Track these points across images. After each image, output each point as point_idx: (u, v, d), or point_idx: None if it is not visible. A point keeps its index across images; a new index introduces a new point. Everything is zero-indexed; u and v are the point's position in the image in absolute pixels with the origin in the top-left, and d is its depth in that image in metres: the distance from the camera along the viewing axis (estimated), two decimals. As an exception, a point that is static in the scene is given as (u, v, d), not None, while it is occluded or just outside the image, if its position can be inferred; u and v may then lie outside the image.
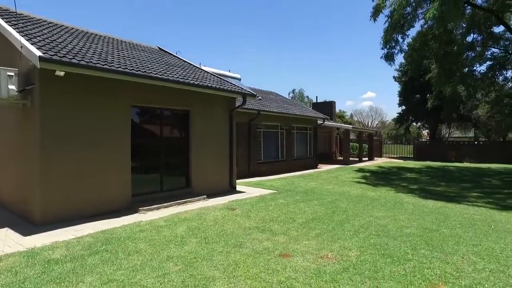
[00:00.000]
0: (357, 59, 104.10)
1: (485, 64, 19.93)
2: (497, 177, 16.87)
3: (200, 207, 7.94)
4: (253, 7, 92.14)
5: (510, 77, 19.12)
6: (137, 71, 7.38)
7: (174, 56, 12.09)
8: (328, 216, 7.18)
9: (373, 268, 4.32)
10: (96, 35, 10.38)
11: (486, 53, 19.80)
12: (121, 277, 3.99)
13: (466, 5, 16.94)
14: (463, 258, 4.75)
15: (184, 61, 11.69)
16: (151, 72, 7.77)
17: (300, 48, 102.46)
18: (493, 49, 19.98)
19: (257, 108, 15.31)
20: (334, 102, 29.84)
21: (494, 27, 19.26)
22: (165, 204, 7.85)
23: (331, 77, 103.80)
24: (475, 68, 20.08)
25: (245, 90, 10.60)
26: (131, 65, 7.67)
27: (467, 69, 19.42)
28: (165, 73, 8.38)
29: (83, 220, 6.54)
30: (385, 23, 17.99)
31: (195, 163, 9.40)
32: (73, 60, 6.22)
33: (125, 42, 11.12)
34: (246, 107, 13.67)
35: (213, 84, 9.53)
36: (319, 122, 21.21)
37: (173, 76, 8.35)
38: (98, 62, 6.78)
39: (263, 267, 4.33)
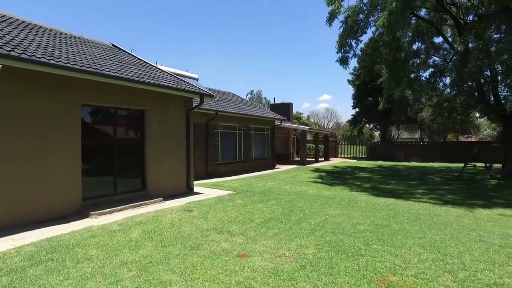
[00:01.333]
0: (314, 62, 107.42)
1: (428, 71, 21.50)
2: (439, 175, 18.22)
3: (156, 209, 7.69)
4: (209, 7, 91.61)
5: (448, 83, 20.60)
6: (88, 68, 6.97)
7: (129, 54, 11.63)
8: (285, 216, 7.29)
9: (329, 265, 4.45)
10: (41, 27, 9.66)
11: (429, 60, 21.37)
12: (69, 287, 3.74)
13: (411, 16, 18.14)
14: (410, 250, 5.05)
15: (139, 59, 11.29)
16: (103, 70, 7.38)
17: (258, 50, 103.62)
18: (435, 58, 21.61)
19: (215, 109, 15.19)
20: (291, 103, 30.46)
21: (435, 38, 20.86)
22: (119, 208, 7.51)
23: (289, 79, 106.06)
24: (420, 74, 21.58)
25: (203, 90, 10.46)
26: (81, 62, 7.23)
27: (413, 75, 20.78)
28: (119, 71, 8.01)
29: (24, 228, 6.00)
30: (340, 28, 18.77)
31: (151, 165, 9.10)
32: (12, 53, 5.71)
33: (74, 36, 10.47)
34: (203, 107, 13.52)
35: (170, 83, 9.29)
36: (277, 123, 21.53)
37: (127, 75, 8.01)
38: (43, 56, 6.30)
39: (221, 268, 4.28)
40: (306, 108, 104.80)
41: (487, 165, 17.84)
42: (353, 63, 31.94)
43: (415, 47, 20.61)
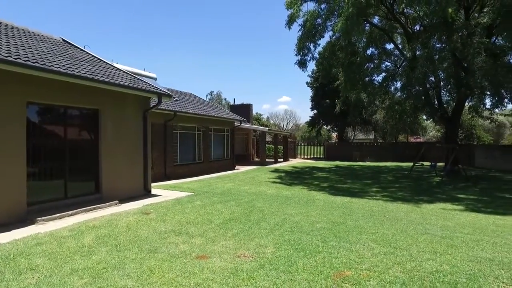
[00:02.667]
0: (275, 64, 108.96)
1: (381, 75, 22.64)
2: (391, 173, 19.27)
3: (111, 213, 7.37)
4: (169, 7, 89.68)
5: (399, 87, 21.81)
6: (33, 62, 6.50)
7: (82, 50, 11.03)
8: (245, 216, 7.32)
9: (287, 263, 4.53)
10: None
11: (382, 65, 22.50)
12: (11, 298, 3.46)
13: (365, 22, 19.02)
14: (364, 245, 5.29)
15: (93, 56, 10.74)
16: (52, 66, 6.93)
17: (219, 51, 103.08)
18: (387, 63, 22.81)
19: (173, 109, 14.88)
20: (251, 105, 30.68)
21: (387, 44, 22.04)
22: (70, 212, 7.09)
23: (249, 80, 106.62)
24: (374, 78, 22.66)
25: (161, 90, 10.21)
26: (26, 56, 6.73)
27: (367, 78, 21.77)
28: (70, 67, 7.57)
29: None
30: (298, 32, 19.23)
31: (106, 167, 8.71)
32: None
33: (17, 28, 9.63)
34: (162, 107, 13.21)
35: (125, 82, 8.95)
36: (236, 124, 21.56)
37: (79, 72, 7.59)
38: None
39: (179, 271, 4.20)
40: (266, 110, 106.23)
41: (432, 163, 19.19)
42: (312, 66, 32.82)
43: (369, 52, 21.62)
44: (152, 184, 10.87)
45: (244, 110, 29.10)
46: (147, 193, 10.04)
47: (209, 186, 12.41)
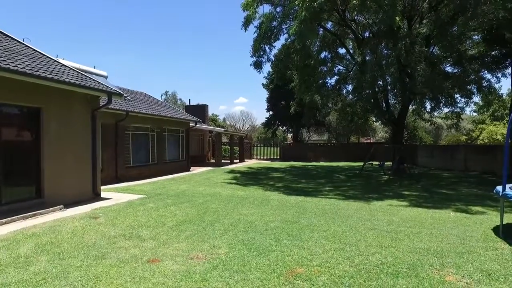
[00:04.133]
0: (232, 65, 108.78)
1: (334, 78, 23.57)
2: (343, 173, 20.08)
3: (54, 219, 6.89)
4: (121, 5, 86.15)
5: (350, 90, 22.89)
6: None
7: (20, 42, 10.17)
8: (199, 217, 7.22)
9: (241, 263, 4.53)
10: None
11: (335, 69, 23.44)
12: None
13: (319, 27, 19.68)
14: (316, 243, 5.45)
15: (34, 49, 9.94)
16: (-16, 59, 6.33)
17: (175, 51, 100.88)
18: (339, 66, 23.81)
19: (125, 109, 14.30)
20: (207, 105, 30.45)
21: (339, 49, 23.01)
22: (4, 220, 6.50)
23: (205, 81, 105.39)
24: (327, 80, 23.52)
25: (111, 88, 9.75)
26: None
27: (321, 81, 22.54)
28: (4, 61, 6.95)
29: None
30: (254, 33, 19.39)
31: (49, 169, 8.12)
32: None
33: None
34: (113, 107, 12.65)
35: (71, 79, 8.41)
36: (192, 125, 21.24)
37: (16, 66, 7.01)
38: None
39: (129, 276, 4.03)
40: (223, 111, 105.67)
41: (381, 163, 20.30)
42: (267, 67, 33.29)
43: (322, 55, 22.38)
44: (103, 187, 10.34)
45: (199, 110, 28.77)
46: (96, 197, 9.53)
47: (163, 188, 12.09)
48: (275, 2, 18.89)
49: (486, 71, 19.63)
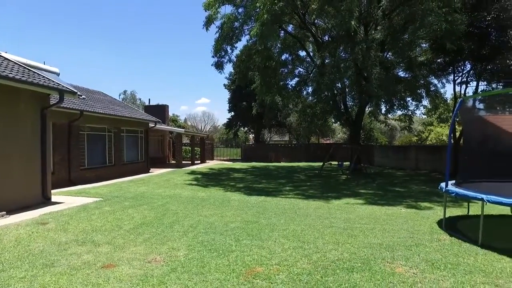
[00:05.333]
0: (193, 65, 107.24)
1: (294, 80, 24.03)
2: (303, 173, 20.52)
3: (-3, 226, 6.39)
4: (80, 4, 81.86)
5: (310, 92, 23.46)
6: None
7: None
8: (158, 220, 7.05)
9: (200, 264, 4.49)
10: None
11: (295, 71, 23.91)
12: None
13: (280, 29, 19.98)
14: (275, 242, 5.53)
15: (-26, 43, 9.18)
16: None
17: (134, 49, 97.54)
18: (300, 68, 24.32)
19: (80, 108, 13.60)
20: (167, 106, 29.83)
21: (300, 51, 23.50)
22: None
23: (166, 81, 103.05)
24: (288, 82, 23.92)
25: (63, 86, 9.22)
26: None
27: (282, 82, 22.88)
28: None
29: None
30: (216, 33, 19.27)
31: (-9, 172, 7.52)
32: None
33: None
34: (66, 106, 12.02)
35: (16, 75, 7.85)
36: (151, 125, 20.67)
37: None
38: None
39: (80, 284, 3.84)
40: (184, 111, 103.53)
41: (339, 162, 21.03)
42: (229, 68, 33.32)
43: (283, 57, 22.70)
44: (54, 191, 9.78)
45: (160, 111, 28.10)
46: (47, 201, 8.96)
47: (121, 190, 11.64)
48: (237, 3, 18.92)
49: (433, 77, 21.03)
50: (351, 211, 8.41)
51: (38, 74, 9.09)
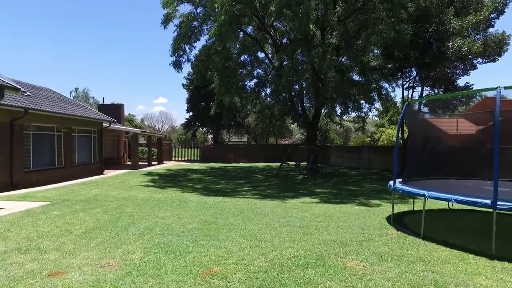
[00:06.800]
0: (151, 64, 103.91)
1: (253, 81, 24.25)
2: (261, 173, 20.78)
3: None
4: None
5: (268, 93, 23.83)
6: None
7: None
8: (112, 223, 6.79)
9: (156, 266, 4.41)
10: None
11: (254, 72, 24.11)
12: None
13: (239, 30, 20.08)
14: (232, 241, 5.56)
15: None
16: None
17: (87, 43, 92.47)
18: (258, 70, 24.58)
19: (24, 106, 12.68)
20: (123, 105, 28.74)
21: (259, 53, 23.76)
22: None
23: (122, 80, 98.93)
24: (246, 83, 24.08)
25: (3, 81, 8.56)
26: None
27: (241, 83, 22.98)
28: None
29: None
30: (174, 32, 18.92)
31: None
32: None
33: None
34: (7, 103, 11.21)
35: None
36: (105, 125, 19.79)
37: None
38: None
39: (24, 293, 3.61)
40: (141, 111, 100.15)
41: (296, 163, 21.56)
42: (188, 68, 32.79)
43: (242, 58, 22.82)
44: (-8, 195, 9.01)
45: (115, 110, 26.99)
46: (-16, 206, 8.26)
47: (71, 193, 11.03)
48: (196, 2, 18.73)
49: (384, 81, 22.31)
50: (307, 210, 8.67)
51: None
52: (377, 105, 25.17)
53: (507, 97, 11.63)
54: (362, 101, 21.65)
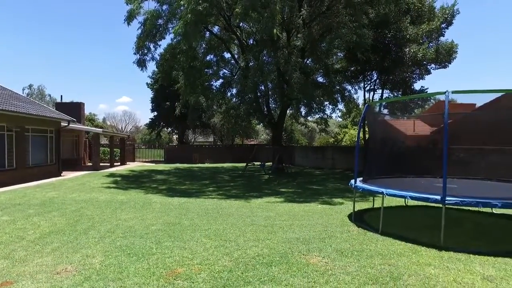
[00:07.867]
0: (114, 62, 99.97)
1: (219, 81, 24.14)
2: (227, 174, 20.73)
3: None
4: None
5: (234, 94, 23.83)
6: None
7: None
8: (70, 226, 6.49)
9: (118, 270, 4.29)
10: None
11: (220, 72, 24.01)
12: None
13: (205, 30, 19.92)
14: (197, 242, 5.53)
15: None
16: None
17: (42, 37, 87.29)
18: (224, 70, 24.53)
19: (-29, 103, 11.77)
20: (83, 103, 27.47)
21: (225, 53, 23.71)
22: None
23: (82, 77, 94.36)
24: (212, 83, 23.92)
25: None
26: None
27: (207, 83, 22.78)
28: None
29: None
30: (138, 29, 18.40)
31: None
32: None
33: None
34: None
35: None
36: (64, 124, 18.83)
37: None
38: None
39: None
40: (103, 110, 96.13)
41: (262, 163, 21.73)
42: (152, 66, 32.00)
43: (208, 58, 22.62)
44: None
45: (74, 109, 25.71)
46: None
47: (24, 197, 10.39)
48: (161, 0, 18.32)
49: (347, 83, 23.10)
50: (271, 209, 8.78)
51: None
52: (341, 106, 26.05)
53: (456, 100, 12.53)
54: (326, 103, 22.27)
